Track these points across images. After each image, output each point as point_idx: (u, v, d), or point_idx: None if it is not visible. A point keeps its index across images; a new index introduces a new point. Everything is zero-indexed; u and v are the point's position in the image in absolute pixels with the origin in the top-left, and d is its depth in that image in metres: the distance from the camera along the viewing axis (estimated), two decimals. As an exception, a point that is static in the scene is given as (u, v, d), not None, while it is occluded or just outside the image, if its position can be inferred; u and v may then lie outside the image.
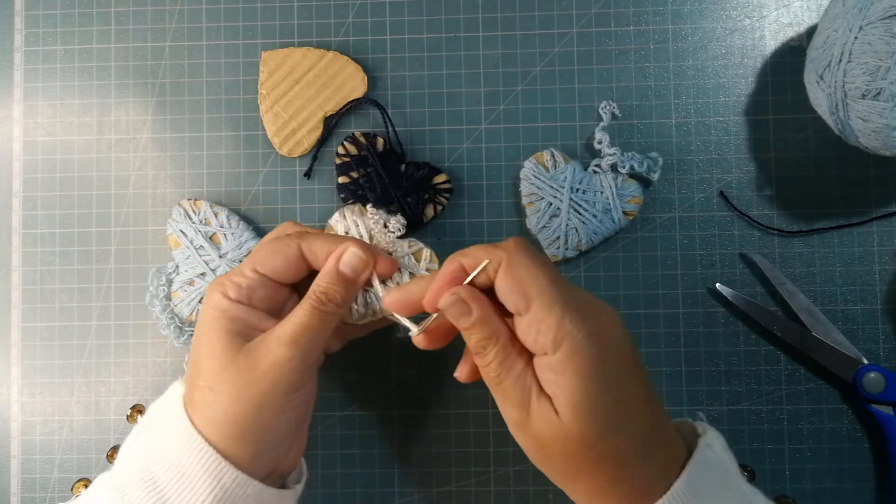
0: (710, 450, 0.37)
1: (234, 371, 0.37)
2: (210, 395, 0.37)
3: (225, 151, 0.52)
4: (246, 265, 0.40)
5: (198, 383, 0.38)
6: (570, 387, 0.34)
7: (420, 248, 0.44)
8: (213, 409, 0.37)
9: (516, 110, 0.52)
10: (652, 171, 0.50)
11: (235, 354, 0.38)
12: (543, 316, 0.34)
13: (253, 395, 0.37)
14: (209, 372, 0.38)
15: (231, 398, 0.37)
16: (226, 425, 0.37)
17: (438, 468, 0.51)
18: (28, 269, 0.53)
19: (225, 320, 0.39)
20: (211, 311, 0.39)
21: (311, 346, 0.38)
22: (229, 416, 0.37)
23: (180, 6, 0.53)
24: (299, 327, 0.38)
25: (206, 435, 0.37)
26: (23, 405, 0.52)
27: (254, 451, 0.37)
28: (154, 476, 0.36)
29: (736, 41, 0.51)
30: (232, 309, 0.39)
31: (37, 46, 0.53)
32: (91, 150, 0.53)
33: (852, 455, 0.49)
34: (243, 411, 0.37)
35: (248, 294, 0.39)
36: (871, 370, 0.48)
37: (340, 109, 0.51)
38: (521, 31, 0.52)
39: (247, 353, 0.38)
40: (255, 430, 0.37)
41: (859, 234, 0.50)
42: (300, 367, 0.38)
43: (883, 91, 0.41)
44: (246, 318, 0.39)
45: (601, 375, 0.34)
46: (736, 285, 0.50)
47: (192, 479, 0.36)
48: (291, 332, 0.38)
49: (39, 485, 0.52)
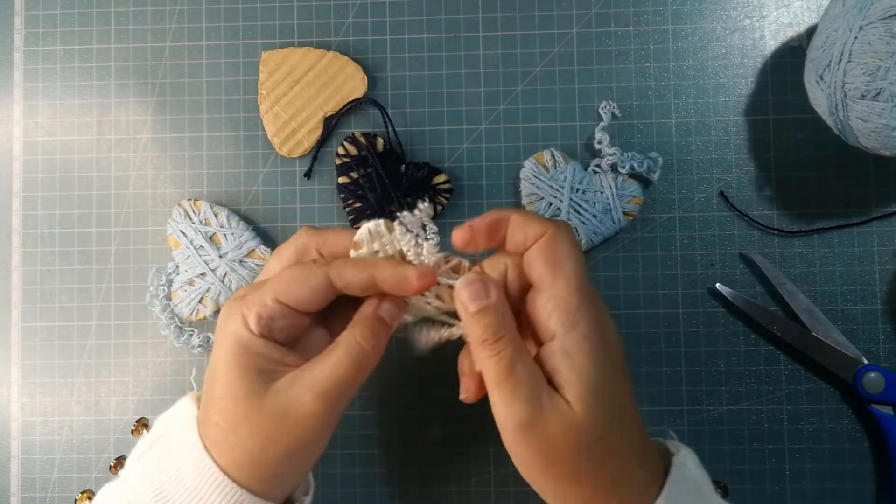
0: (685, 467, 0.37)
1: (261, 419, 0.35)
2: (232, 439, 0.36)
3: (225, 151, 0.52)
4: (267, 293, 0.36)
5: (217, 422, 0.36)
6: (585, 370, 0.34)
7: (458, 262, 0.39)
8: (237, 453, 0.36)
9: (516, 110, 0.52)
10: (652, 171, 0.50)
11: (261, 400, 0.35)
12: (566, 294, 0.35)
13: (280, 445, 0.36)
14: (232, 414, 0.36)
15: (257, 446, 0.35)
16: (250, 469, 0.36)
17: (438, 468, 0.51)
18: (28, 269, 0.53)
19: (247, 357, 0.36)
20: (231, 344, 0.36)
21: (344, 398, 0.36)
22: (254, 461, 0.36)
23: (180, 6, 0.53)
24: (334, 381, 0.36)
25: (224, 469, 0.36)
26: (23, 405, 0.52)
27: (273, 488, 0.37)
28: (167, 496, 0.36)
29: (736, 41, 0.51)
30: (253, 344, 0.36)
31: (37, 46, 0.53)
32: (91, 150, 0.53)
33: (852, 455, 0.49)
34: (269, 459, 0.36)
35: (268, 325, 0.36)
36: (871, 370, 0.48)
37: (340, 109, 0.51)
38: (521, 31, 0.52)
39: (274, 398, 0.35)
40: (281, 474, 0.37)
41: (859, 234, 0.50)
42: (332, 420, 0.37)
43: (883, 91, 0.41)
44: (269, 355, 0.36)
45: (608, 366, 0.35)
46: (736, 285, 0.50)
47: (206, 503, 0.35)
48: (325, 386, 0.35)
49: (39, 485, 0.52)
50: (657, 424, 0.50)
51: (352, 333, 0.37)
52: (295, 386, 0.36)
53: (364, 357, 0.36)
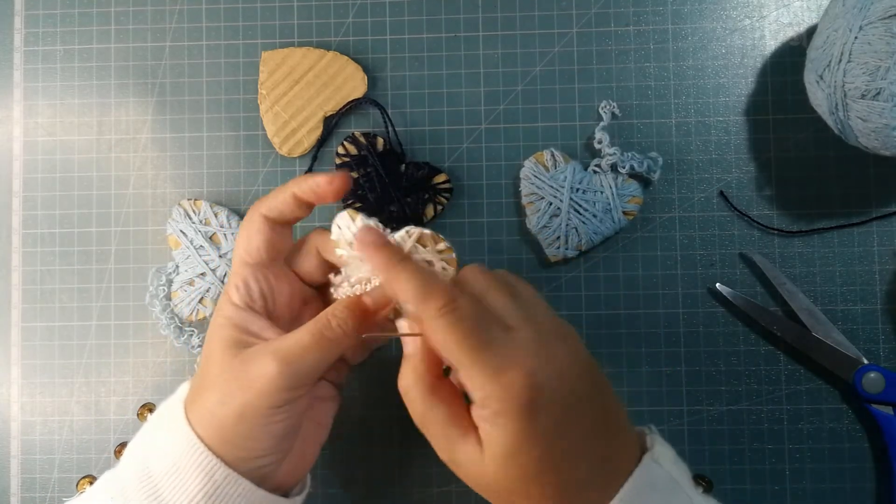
0: (657, 465, 0.36)
1: (226, 376, 0.37)
2: (202, 394, 0.38)
3: (225, 151, 0.52)
4: (235, 261, 0.41)
5: (195, 383, 0.39)
6: (496, 441, 0.34)
7: (420, 233, 0.40)
8: (202, 410, 0.38)
9: (516, 110, 0.52)
10: (652, 171, 0.50)
11: (231, 360, 0.38)
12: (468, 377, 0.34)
13: (236, 402, 0.37)
14: (206, 375, 0.38)
15: (217, 401, 0.37)
16: (211, 427, 0.37)
17: (438, 468, 0.50)
18: (28, 269, 0.53)
19: (229, 328, 0.39)
20: (218, 318, 0.39)
21: (304, 370, 0.37)
22: (215, 418, 0.37)
23: (180, 6, 0.53)
24: (295, 347, 0.37)
25: (199, 433, 0.37)
26: (23, 405, 0.52)
27: (237, 457, 0.37)
28: (150, 471, 0.37)
29: (736, 41, 0.51)
30: (236, 316, 0.39)
31: (37, 46, 0.53)
32: (91, 150, 0.53)
33: (852, 455, 0.49)
34: (226, 416, 0.37)
35: (246, 292, 0.39)
36: (871, 370, 0.48)
37: (340, 109, 0.51)
38: (521, 31, 0.52)
39: (241, 360, 0.38)
40: (235, 435, 0.37)
41: (859, 234, 0.50)
42: (287, 386, 0.37)
43: (883, 91, 0.41)
44: (248, 326, 0.39)
45: (530, 431, 0.33)
46: (736, 285, 0.50)
47: (184, 474, 0.36)
48: (286, 350, 0.37)
49: (39, 485, 0.52)
50: (657, 424, 0.50)
51: (326, 310, 0.39)
52: (261, 349, 0.38)
53: (331, 332, 0.38)
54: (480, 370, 0.33)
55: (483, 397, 0.34)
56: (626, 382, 0.50)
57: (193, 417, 0.38)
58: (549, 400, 0.34)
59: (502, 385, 0.33)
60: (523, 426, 0.33)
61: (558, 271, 0.51)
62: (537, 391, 0.33)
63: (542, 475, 0.34)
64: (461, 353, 0.34)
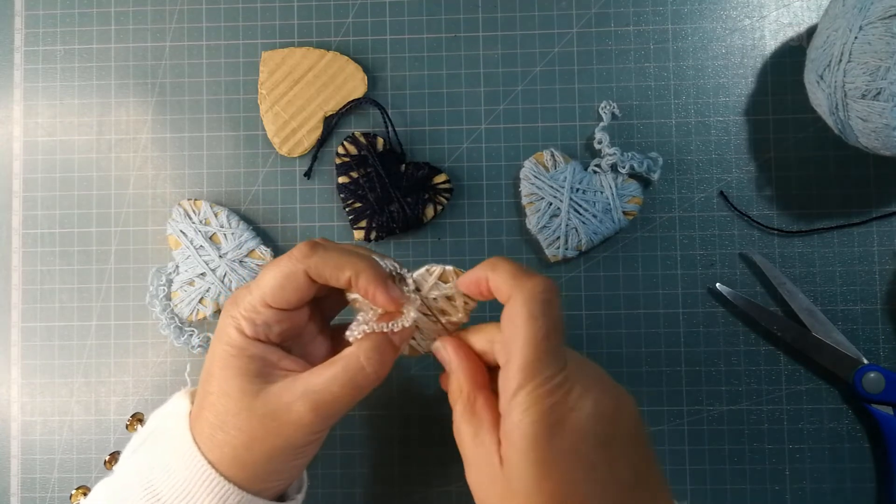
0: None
1: (249, 418, 0.36)
2: (220, 436, 0.36)
3: (225, 151, 0.52)
4: (256, 297, 0.37)
5: (207, 417, 0.37)
6: (524, 470, 0.32)
7: (442, 270, 0.39)
8: (223, 451, 0.36)
9: (516, 110, 0.52)
10: (652, 171, 0.50)
11: (252, 400, 0.36)
12: (507, 377, 0.33)
13: (265, 447, 0.36)
14: (222, 412, 0.36)
15: (243, 445, 0.36)
16: (234, 467, 0.36)
17: (438, 468, 0.51)
18: (28, 269, 0.53)
19: (242, 359, 0.36)
20: (225, 347, 0.37)
21: (336, 412, 0.36)
22: (239, 460, 0.36)
23: (180, 6, 0.53)
24: (328, 395, 0.36)
25: (211, 460, 0.36)
26: (23, 405, 0.52)
27: (260, 489, 0.37)
28: (157, 491, 0.36)
29: (736, 41, 0.51)
30: (248, 347, 0.36)
31: (37, 46, 0.53)
32: (91, 150, 0.53)
33: (852, 455, 0.49)
34: (254, 459, 0.36)
35: (264, 331, 0.37)
36: (871, 370, 0.48)
37: (340, 109, 0.51)
38: (521, 31, 0.52)
39: (265, 400, 0.36)
40: (265, 474, 0.37)
41: (859, 234, 0.50)
42: (320, 430, 0.37)
43: (883, 91, 0.41)
44: (264, 357, 0.37)
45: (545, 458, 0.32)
46: (736, 285, 0.50)
47: (196, 498, 0.36)
48: (319, 399, 0.36)
49: (39, 485, 0.52)
50: (657, 424, 0.50)
51: (356, 350, 0.37)
52: (288, 391, 0.36)
53: (363, 376, 0.36)
54: (531, 372, 0.32)
55: (514, 399, 0.32)
56: (626, 382, 0.50)
57: (209, 451, 0.36)
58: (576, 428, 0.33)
59: (541, 393, 0.32)
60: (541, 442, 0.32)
61: (558, 271, 0.51)
62: (568, 415, 0.32)
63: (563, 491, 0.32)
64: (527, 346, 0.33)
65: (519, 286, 0.34)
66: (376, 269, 0.37)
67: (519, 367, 0.33)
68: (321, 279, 0.37)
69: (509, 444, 0.33)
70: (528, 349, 0.33)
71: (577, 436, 0.32)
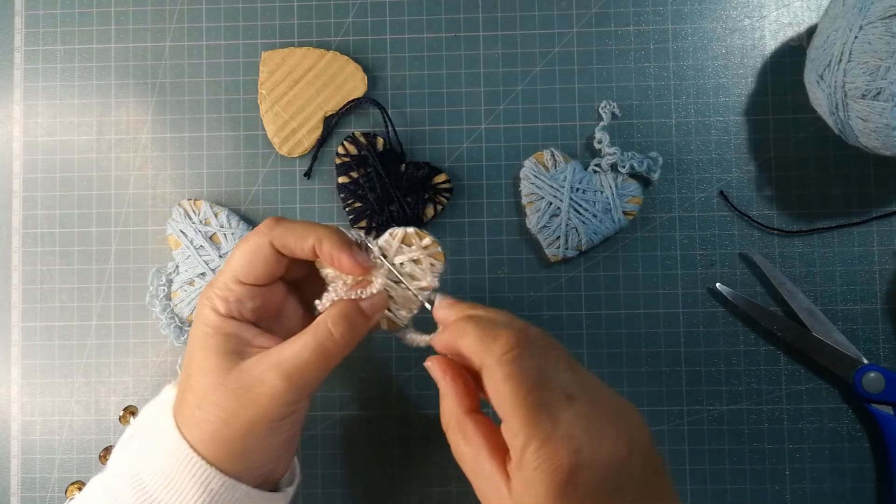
0: None
1: (225, 393, 0.36)
2: (199, 414, 0.37)
3: (225, 151, 0.52)
4: (228, 275, 0.38)
5: (187, 398, 0.37)
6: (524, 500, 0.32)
7: (404, 233, 0.39)
8: (202, 429, 0.36)
9: (516, 110, 0.52)
10: (652, 170, 0.50)
11: (227, 375, 0.36)
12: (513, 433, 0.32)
13: (241, 421, 0.36)
14: (199, 389, 0.37)
15: (220, 420, 0.36)
16: (213, 445, 0.36)
17: (438, 468, 0.51)
18: (28, 269, 0.53)
19: (217, 337, 0.37)
20: (202, 327, 0.38)
21: (308, 381, 0.37)
22: (217, 437, 0.36)
23: (180, 6, 0.53)
24: (299, 364, 0.36)
25: (194, 444, 0.36)
26: (23, 405, 0.52)
27: (241, 469, 0.37)
28: (143, 482, 0.36)
29: (736, 41, 0.51)
30: (223, 325, 0.37)
31: (37, 46, 0.53)
32: (91, 150, 0.53)
33: (852, 455, 0.49)
34: (231, 434, 0.36)
35: (237, 308, 0.38)
36: (871, 370, 0.48)
37: (340, 109, 0.51)
38: (521, 30, 0.52)
39: (239, 374, 0.36)
40: (243, 451, 0.37)
41: (859, 234, 0.50)
42: (293, 400, 0.37)
43: (883, 91, 0.41)
44: (239, 334, 0.38)
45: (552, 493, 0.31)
46: (736, 285, 0.50)
47: (179, 486, 0.36)
48: (289, 368, 0.36)
49: (39, 485, 0.52)
50: (657, 424, 0.50)
51: (324, 317, 0.38)
52: (260, 364, 0.37)
53: (331, 342, 0.37)
54: (529, 431, 0.32)
55: (522, 458, 0.32)
56: (626, 382, 0.50)
57: (189, 432, 0.37)
58: (588, 480, 0.32)
59: (546, 452, 0.31)
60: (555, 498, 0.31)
61: (558, 271, 0.51)
62: (578, 470, 0.32)
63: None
64: (515, 407, 0.32)
65: (487, 351, 0.34)
66: (340, 235, 0.38)
67: (518, 427, 0.32)
68: (286, 250, 0.38)
69: (523, 490, 0.32)
70: (518, 409, 0.32)
71: (590, 487, 0.32)
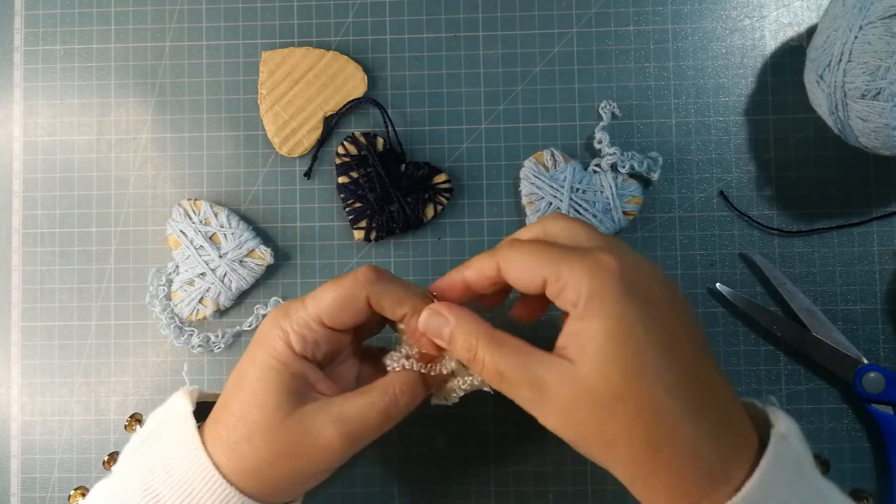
0: (785, 443, 0.32)
1: (280, 435, 0.36)
2: (245, 445, 0.36)
3: (225, 151, 0.52)
4: (312, 314, 0.37)
5: (234, 424, 0.36)
6: (593, 334, 0.31)
7: None
8: (245, 461, 0.36)
9: (516, 110, 0.52)
10: (652, 170, 0.50)
11: (286, 418, 0.36)
12: (557, 278, 0.33)
13: (288, 466, 0.36)
14: (253, 423, 0.36)
15: (266, 460, 0.36)
16: (251, 478, 0.36)
17: (438, 468, 0.51)
18: (28, 268, 0.53)
19: (285, 375, 0.36)
20: (270, 359, 0.37)
21: (364, 441, 0.37)
22: (258, 472, 0.36)
23: (180, 6, 0.53)
24: (360, 423, 0.36)
25: (221, 467, 0.36)
26: (23, 405, 0.52)
27: (265, 497, 0.37)
28: (157, 493, 0.36)
29: (736, 41, 0.51)
30: (294, 364, 0.37)
31: (37, 46, 0.53)
32: (91, 150, 0.53)
33: (852, 455, 0.49)
34: (272, 475, 0.36)
35: (312, 349, 0.37)
36: (871, 370, 0.48)
37: (340, 109, 0.51)
38: (521, 30, 0.52)
39: (299, 420, 0.36)
40: (277, 489, 0.37)
41: (859, 234, 0.50)
42: (345, 458, 0.37)
43: (883, 91, 0.41)
44: (305, 376, 0.37)
45: (628, 320, 0.31)
46: (736, 285, 0.50)
47: (198, 501, 0.35)
48: (352, 426, 0.36)
49: (39, 485, 0.52)
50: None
51: (392, 382, 0.37)
52: (321, 414, 0.36)
53: (395, 409, 0.37)
54: (571, 261, 0.32)
55: (577, 287, 0.32)
56: (626, 382, 0.50)
57: (225, 455, 0.36)
58: (643, 289, 0.32)
59: (598, 265, 0.32)
60: (622, 307, 0.31)
61: (558, 271, 0.51)
62: (629, 280, 0.32)
63: (648, 375, 0.31)
64: (551, 255, 0.33)
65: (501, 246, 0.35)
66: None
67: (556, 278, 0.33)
68: (378, 307, 0.38)
69: (588, 324, 0.32)
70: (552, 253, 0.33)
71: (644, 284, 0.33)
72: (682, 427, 0.31)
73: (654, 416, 0.31)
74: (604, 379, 0.31)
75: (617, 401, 0.31)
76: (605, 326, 0.31)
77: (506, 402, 0.35)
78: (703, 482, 0.31)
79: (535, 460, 0.50)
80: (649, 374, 0.31)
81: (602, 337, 0.31)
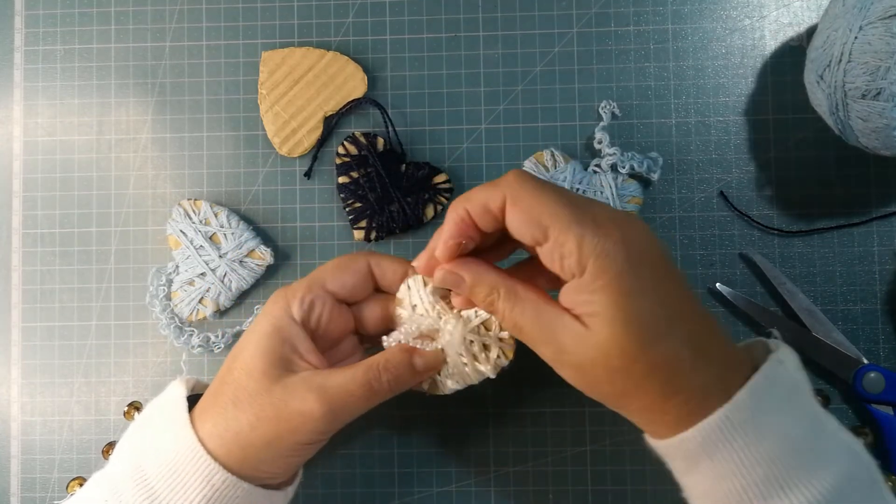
0: (782, 366, 0.34)
1: (264, 399, 0.37)
2: (230, 410, 0.37)
3: (225, 151, 0.52)
4: (314, 277, 0.40)
5: (223, 389, 0.38)
6: (605, 303, 0.33)
7: (488, 318, 0.39)
8: (227, 423, 0.37)
9: (516, 110, 0.52)
10: (652, 171, 0.50)
11: (272, 384, 0.37)
12: (563, 240, 0.33)
13: (269, 431, 0.36)
14: (240, 387, 0.37)
15: (249, 424, 0.36)
16: (231, 444, 0.37)
17: (438, 468, 0.51)
18: (28, 269, 0.53)
19: (277, 340, 0.38)
20: (267, 325, 0.38)
21: (346, 415, 0.38)
22: (240, 437, 0.37)
23: (180, 6, 0.53)
24: (342, 394, 0.37)
25: (206, 439, 0.37)
26: (23, 405, 0.52)
27: (247, 475, 0.37)
28: (145, 473, 0.37)
29: (736, 41, 0.51)
30: (286, 328, 0.38)
31: (37, 46, 0.53)
32: (91, 150, 0.53)
33: (852, 455, 0.49)
34: (253, 440, 0.36)
35: (309, 312, 0.39)
36: (871, 370, 0.48)
37: (340, 109, 0.51)
38: (521, 30, 0.52)
39: (283, 387, 0.37)
40: (257, 460, 0.37)
41: (859, 234, 0.50)
42: (326, 429, 0.37)
43: (883, 91, 0.41)
44: (295, 344, 0.38)
45: (635, 285, 0.33)
46: (736, 285, 0.50)
47: (182, 478, 0.36)
48: (332, 395, 0.37)
49: (39, 485, 0.52)
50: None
51: (379, 359, 0.38)
52: (305, 382, 0.37)
53: (378, 384, 0.38)
54: (580, 224, 0.33)
55: (579, 260, 0.33)
56: (626, 382, 0.50)
57: (212, 421, 0.37)
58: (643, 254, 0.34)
59: (605, 234, 0.33)
60: (626, 278, 0.33)
61: (558, 271, 0.51)
62: (628, 244, 0.33)
63: (661, 337, 0.33)
64: (557, 209, 0.33)
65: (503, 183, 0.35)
66: None
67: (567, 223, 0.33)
68: (378, 269, 0.40)
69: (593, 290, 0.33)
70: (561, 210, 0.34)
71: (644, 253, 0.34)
72: (693, 374, 0.33)
73: (667, 371, 0.33)
74: (619, 346, 0.33)
75: (633, 363, 0.33)
76: (615, 300, 0.33)
77: (506, 401, 0.35)
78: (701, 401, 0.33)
79: (535, 460, 0.50)
80: (661, 337, 0.33)
81: (614, 309, 0.33)
